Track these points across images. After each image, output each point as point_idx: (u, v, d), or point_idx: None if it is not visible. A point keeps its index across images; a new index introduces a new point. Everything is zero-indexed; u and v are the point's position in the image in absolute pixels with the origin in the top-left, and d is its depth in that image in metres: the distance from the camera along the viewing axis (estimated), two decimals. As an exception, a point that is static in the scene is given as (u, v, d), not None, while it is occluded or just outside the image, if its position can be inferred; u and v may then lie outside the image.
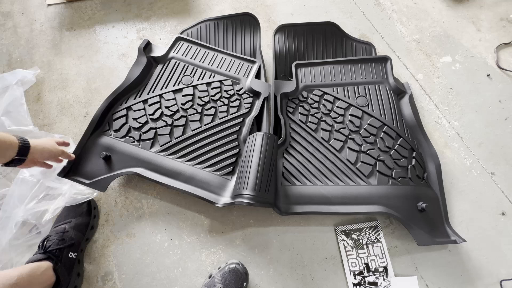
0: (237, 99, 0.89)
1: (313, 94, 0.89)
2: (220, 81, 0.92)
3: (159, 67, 0.93)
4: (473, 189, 0.82)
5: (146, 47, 0.96)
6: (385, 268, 0.73)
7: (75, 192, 0.78)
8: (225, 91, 0.90)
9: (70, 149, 0.79)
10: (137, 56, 0.94)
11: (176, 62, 0.94)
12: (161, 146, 0.81)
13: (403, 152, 0.80)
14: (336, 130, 0.83)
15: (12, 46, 1.10)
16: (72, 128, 0.94)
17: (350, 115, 0.85)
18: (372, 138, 0.82)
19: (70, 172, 0.77)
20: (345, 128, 0.83)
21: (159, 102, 0.87)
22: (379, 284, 0.72)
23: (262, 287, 0.73)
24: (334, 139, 0.82)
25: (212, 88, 0.90)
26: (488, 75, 0.99)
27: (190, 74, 0.92)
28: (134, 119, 0.84)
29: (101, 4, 1.17)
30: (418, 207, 0.74)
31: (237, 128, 0.84)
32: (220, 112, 0.87)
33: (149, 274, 0.74)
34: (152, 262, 0.75)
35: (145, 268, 0.75)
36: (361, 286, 0.72)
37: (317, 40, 1.02)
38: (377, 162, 0.78)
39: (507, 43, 1.03)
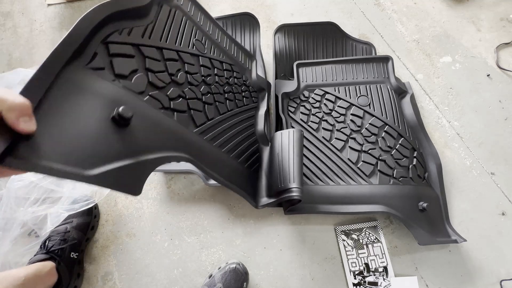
0: (246, 91, 0.84)
1: (315, 94, 0.89)
2: (231, 65, 0.82)
3: (166, 9, 0.66)
4: (473, 189, 0.82)
5: None
6: (385, 268, 0.73)
7: (73, 199, 0.74)
8: (236, 77, 0.82)
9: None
10: None
11: (183, 16, 0.71)
12: (198, 126, 0.60)
13: (404, 152, 0.80)
14: (337, 130, 0.83)
15: (12, 46, 1.10)
16: (72, 128, 0.94)
17: (352, 114, 0.85)
18: (373, 137, 0.82)
19: (28, 150, 0.29)
20: (346, 127, 0.83)
21: (178, 61, 0.63)
22: (379, 284, 0.72)
23: (262, 287, 0.72)
24: (336, 138, 0.82)
25: (225, 70, 0.79)
26: (488, 75, 0.99)
27: (201, 40, 0.74)
28: (150, 70, 0.55)
29: (101, 4, 1.17)
30: (419, 207, 0.74)
31: (252, 121, 0.80)
32: (237, 100, 0.77)
33: (149, 274, 0.74)
34: (152, 262, 0.75)
35: (145, 268, 0.75)
36: (361, 286, 0.72)
37: (317, 40, 1.03)
38: (379, 162, 0.78)
39: (507, 43, 1.03)
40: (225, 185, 0.62)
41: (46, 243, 0.70)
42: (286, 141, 0.73)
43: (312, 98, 0.88)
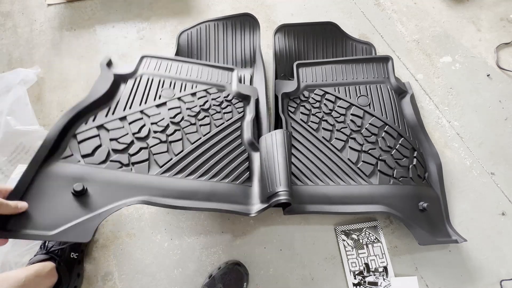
0: (228, 105, 0.85)
1: (315, 94, 0.89)
2: (205, 90, 0.86)
3: (130, 82, 0.81)
4: (473, 189, 0.83)
5: (109, 64, 0.86)
6: (385, 268, 0.73)
7: None
8: (213, 99, 0.85)
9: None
10: (100, 72, 0.82)
11: (149, 77, 0.84)
12: (161, 166, 0.68)
13: (404, 152, 0.80)
14: (337, 130, 0.83)
15: (12, 46, 1.10)
16: (72, 128, 0.94)
17: (352, 114, 0.85)
18: (373, 137, 0.82)
19: (14, 224, 0.50)
20: (346, 127, 0.83)
21: (142, 118, 0.75)
22: (379, 284, 0.72)
23: (262, 287, 0.73)
24: (336, 138, 0.82)
25: (199, 98, 0.84)
26: (488, 75, 0.99)
27: (169, 87, 0.83)
28: (112, 139, 0.69)
29: (101, 4, 1.17)
30: (419, 207, 0.74)
31: (238, 133, 0.81)
32: (215, 120, 0.80)
33: (149, 274, 0.74)
34: (152, 262, 0.75)
35: (145, 268, 0.75)
36: (361, 286, 0.72)
37: (317, 40, 1.03)
38: (379, 162, 0.78)
39: (507, 43, 1.03)
40: (198, 210, 0.66)
41: (46, 244, 0.70)
42: (270, 144, 0.73)
43: (312, 98, 0.88)
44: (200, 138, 0.76)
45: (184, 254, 0.76)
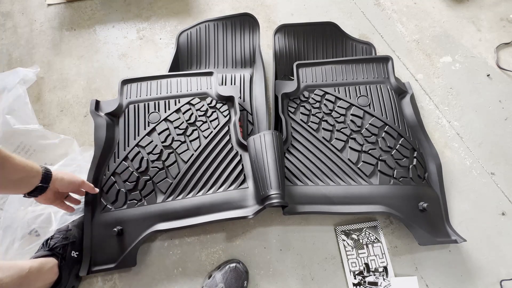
0: (213, 112, 0.86)
1: (315, 94, 0.89)
2: (188, 103, 0.87)
3: (121, 119, 0.85)
4: (473, 189, 0.83)
5: (97, 107, 0.87)
6: (385, 268, 0.73)
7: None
8: (197, 109, 0.86)
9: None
10: (93, 120, 0.84)
11: (134, 106, 0.87)
12: (164, 192, 0.75)
13: (404, 152, 0.80)
14: (337, 130, 0.83)
15: (12, 46, 1.10)
16: (72, 128, 0.94)
17: (352, 115, 0.85)
18: (373, 138, 0.82)
19: (91, 265, 0.71)
20: (346, 128, 0.83)
21: (139, 152, 0.80)
22: (379, 284, 0.72)
23: (262, 287, 0.73)
24: (336, 139, 0.82)
25: (184, 113, 0.85)
26: (488, 75, 0.99)
27: (155, 109, 0.86)
28: (124, 181, 0.77)
29: (101, 4, 1.17)
30: (419, 207, 0.74)
31: (227, 137, 0.81)
32: (203, 131, 0.82)
33: (149, 274, 0.74)
34: (152, 262, 0.75)
35: (145, 268, 0.75)
36: (361, 286, 0.72)
37: (317, 40, 1.02)
38: (379, 162, 0.78)
39: (507, 43, 1.03)
40: (202, 225, 0.71)
41: (49, 241, 0.70)
42: (258, 146, 0.74)
43: (312, 98, 0.88)
44: (192, 155, 0.79)
45: (184, 254, 0.76)
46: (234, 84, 0.95)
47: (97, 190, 0.74)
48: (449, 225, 0.76)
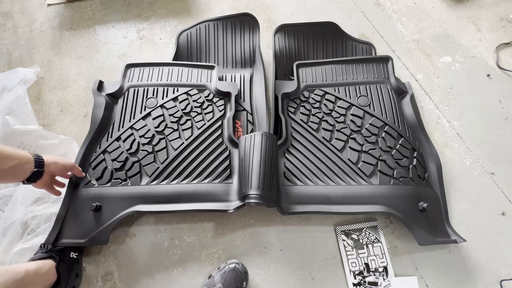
0: (209, 105, 0.87)
1: (315, 94, 0.89)
2: (186, 93, 0.89)
3: (120, 101, 0.89)
4: (473, 189, 0.82)
5: (100, 87, 0.91)
6: (385, 268, 0.73)
7: None
8: (194, 100, 0.87)
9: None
10: (94, 98, 0.88)
11: (134, 90, 0.90)
12: (150, 176, 0.76)
13: (404, 152, 0.80)
14: (337, 130, 0.83)
15: (12, 46, 1.10)
16: (72, 128, 0.94)
17: (352, 115, 0.85)
18: (373, 138, 0.82)
19: (59, 236, 0.72)
20: (346, 128, 0.83)
21: (132, 134, 0.82)
22: (379, 284, 0.72)
23: (262, 287, 0.73)
24: (336, 138, 0.82)
25: (180, 102, 0.87)
26: (488, 75, 0.99)
27: (153, 95, 0.88)
28: (113, 160, 0.79)
29: (101, 4, 1.17)
30: (419, 207, 0.74)
31: (219, 131, 0.83)
32: (196, 122, 0.84)
33: (149, 274, 0.74)
34: (152, 262, 0.75)
35: (145, 268, 0.75)
36: (361, 286, 0.72)
37: (317, 40, 1.02)
38: (379, 162, 0.78)
39: (507, 43, 1.03)
40: (182, 212, 0.74)
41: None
42: (248, 145, 0.75)
43: (312, 98, 0.88)
44: (183, 143, 0.81)
45: (184, 254, 0.76)
46: None
47: (84, 174, 0.76)
48: (449, 225, 0.76)
